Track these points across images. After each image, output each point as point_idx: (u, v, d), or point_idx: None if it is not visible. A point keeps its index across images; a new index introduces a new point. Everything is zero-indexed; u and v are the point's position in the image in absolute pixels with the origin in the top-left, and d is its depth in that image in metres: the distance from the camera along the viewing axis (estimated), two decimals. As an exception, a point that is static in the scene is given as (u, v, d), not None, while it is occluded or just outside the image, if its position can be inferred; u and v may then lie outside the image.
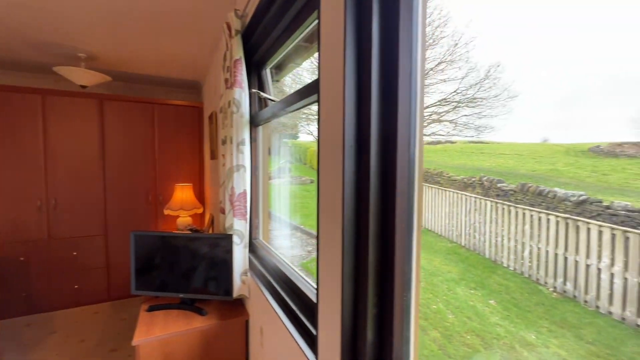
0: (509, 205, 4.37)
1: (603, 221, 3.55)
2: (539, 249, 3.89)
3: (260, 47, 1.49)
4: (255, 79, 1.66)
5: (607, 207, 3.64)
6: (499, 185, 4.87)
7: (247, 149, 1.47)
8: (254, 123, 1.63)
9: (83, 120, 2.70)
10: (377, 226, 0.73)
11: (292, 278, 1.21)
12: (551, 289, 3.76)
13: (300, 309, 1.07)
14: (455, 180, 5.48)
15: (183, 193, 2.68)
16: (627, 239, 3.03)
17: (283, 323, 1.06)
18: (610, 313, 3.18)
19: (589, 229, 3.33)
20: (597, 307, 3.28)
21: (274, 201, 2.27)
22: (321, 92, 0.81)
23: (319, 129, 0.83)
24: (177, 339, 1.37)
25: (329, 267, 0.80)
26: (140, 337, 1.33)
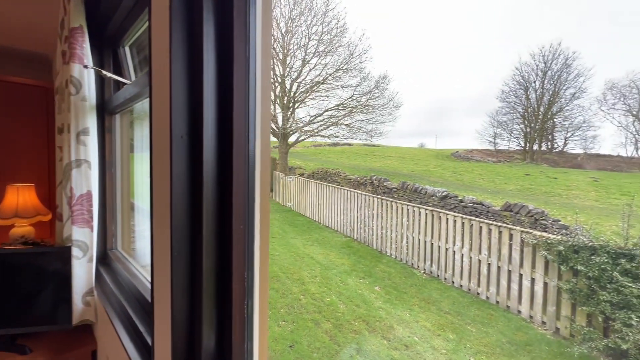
0: (392, 201, 5.03)
1: (457, 212, 4.42)
2: (413, 237, 4.60)
3: (111, 19, 1.23)
4: (110, 58, 1.38)
5: (461, 201, 4.56)
6: (385, 183, 5.55)
7: (91, 140, 1.20)
8: (107, 110, 1.35)
9: None
10: (214, 229, 0.66)
11: (145, 293, 1.04)
12: (422, 271, 4.49)
13: (148, 328, 0.92)
14: (350, 179, 5.99)
15: (19, 196, 2.06)
16: (471, 225, 3.85)
17: (123, 345, 0.89)
18: (461, 286, 4.00)
19: (447, 219, 4.11)
20: (453, 282, 4.08)
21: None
22: (152, 77, 0.70)
23: (150, 120, 0.71)
24: (-26, 394, 1.01)
25: (162, 275, 0.69)
26: None
